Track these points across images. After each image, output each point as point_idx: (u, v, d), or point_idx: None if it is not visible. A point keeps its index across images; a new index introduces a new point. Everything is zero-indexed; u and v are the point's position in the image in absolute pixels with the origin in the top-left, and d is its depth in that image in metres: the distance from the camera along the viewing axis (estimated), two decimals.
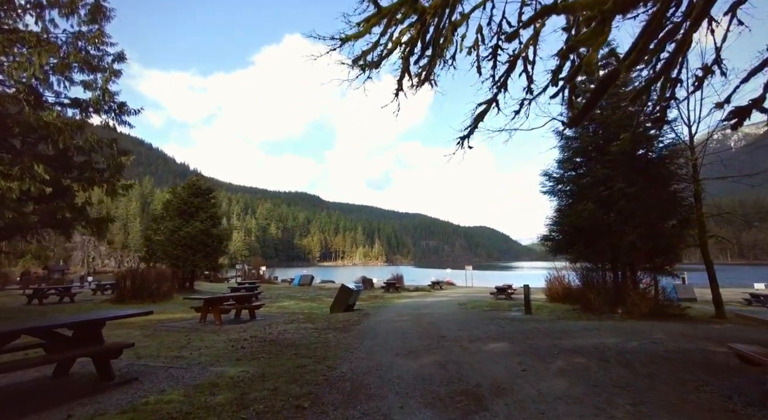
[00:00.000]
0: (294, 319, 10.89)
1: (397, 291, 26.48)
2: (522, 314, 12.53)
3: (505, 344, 7.00)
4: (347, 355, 6.09)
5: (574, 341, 7.12)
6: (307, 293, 23.78)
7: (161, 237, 22.71)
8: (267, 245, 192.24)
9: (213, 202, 24.46)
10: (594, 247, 12.13)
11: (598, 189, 11.76)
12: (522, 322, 10.14)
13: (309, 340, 7.42)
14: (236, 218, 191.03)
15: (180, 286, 23.26)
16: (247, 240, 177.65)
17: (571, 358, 5.79)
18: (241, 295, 11.47)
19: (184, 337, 8.00)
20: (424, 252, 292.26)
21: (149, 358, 5.88)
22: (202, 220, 22.95)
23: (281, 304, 17.74)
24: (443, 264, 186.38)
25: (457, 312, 13.06)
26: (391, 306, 16.05)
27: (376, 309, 14.60)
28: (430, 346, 6.87)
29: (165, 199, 24.53)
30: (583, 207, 11.58)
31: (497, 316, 11.90)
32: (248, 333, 8.43)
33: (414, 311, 13.43)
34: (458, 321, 10.52)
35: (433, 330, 8.87)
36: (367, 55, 7.70)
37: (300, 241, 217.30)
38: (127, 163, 13.34)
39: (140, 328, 9.31)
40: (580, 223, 11.81)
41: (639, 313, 11.78)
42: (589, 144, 12.42)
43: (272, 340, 7.44)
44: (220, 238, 23.90)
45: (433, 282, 34.76)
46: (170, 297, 18.86)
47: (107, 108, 13.36)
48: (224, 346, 6.96)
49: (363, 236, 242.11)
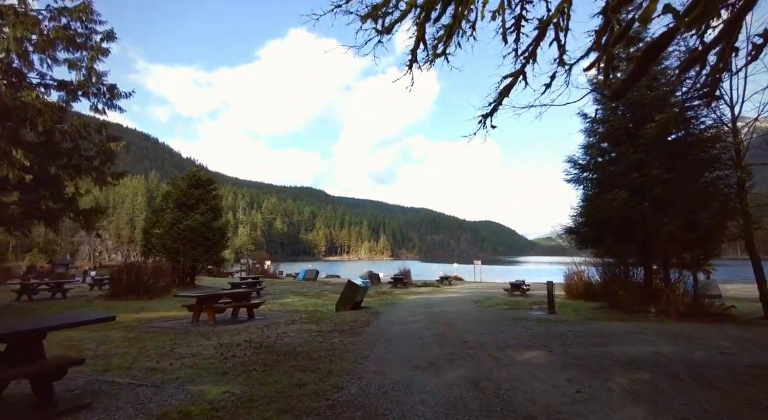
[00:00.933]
0: (296, 319, 9.89)
1: (405, 286, 25.47)
2: (545, 313, 11.47)
3: (542, 353, 5.95)
4: (356, 369, 5.06)
5: (624, 349, 6.05)
6: (311, 288, 22.84)
7: (160, 230, 21.83)
8: (273, 240, 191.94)
9: (214, 194, 23.51)
10: (625, 239, 11.01)
11: (630, 175, 10.62)
12: (550, 323, 9.08)
13: (311, 347, 6.41)
14: (242, 213, 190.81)
15: (180, 282, 22.41)
16: (252, 234, 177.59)
17: (631, 373, 4.73)
18: (237, 292, 10.49)
19: (170, 341, 7.02)
20: (429, 246, 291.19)
21: (119, 371, 4.89)
22: (203, 212, 22.02)
23: (284, 300, 16.80)
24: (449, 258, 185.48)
25: (474, 311, 12.02)
26: (401, 303, 15.05)
27: (386, 307, 13.59)
28: (453, 355, 5.83)
29: (164, 191, 23.61)
30: (615, 195, 10.45)
31: (519, 315, 10.84)
32: (243, 336, 7.44)
33: (427, 309, 12.40)
34: (478, 322, 9.47)
35: (452, 333, 7.83)
36: (378, 11, 6.59)
37: (305, 235, 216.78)
38: (117, 149, 12.37)
39: (124, 329, 8.35)
40: (611, 214, 10.69)
41: (676, 312, 10.66)
42: (619, 127, 11.25)
43: (269, 347, 6.43)
44: (221, 232, 22.97)
45: (441, 277, 33.72)
46: (168, 293, 17.96)
47: (96, 90, 12.34)
48: (212, 353, 5.97)
49: (368, 231, 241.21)
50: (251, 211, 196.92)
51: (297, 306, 14.72)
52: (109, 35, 12.74)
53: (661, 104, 11.09)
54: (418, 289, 23.97)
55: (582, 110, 12.67)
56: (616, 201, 10.46)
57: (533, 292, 19.91)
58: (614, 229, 11.08)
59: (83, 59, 11.85)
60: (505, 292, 20.36)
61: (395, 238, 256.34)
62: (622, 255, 11.78)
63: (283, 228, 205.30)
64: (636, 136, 11.04)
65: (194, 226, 21.20)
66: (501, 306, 13.28)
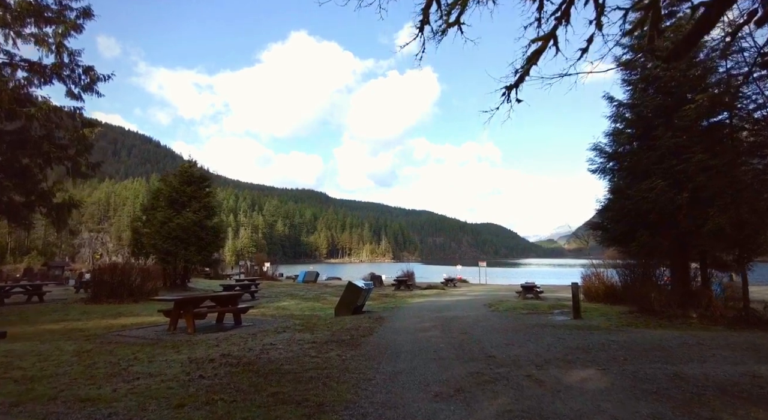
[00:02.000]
0: (288, 326, 8.61)
1: (409, 289, 24.18)
2: (570, 318, 10.19)
3: (595, 373, 4.67)
4: (358, 398, 3.78)
5: (699, 368, 4.75)
6: (311, 291, 21.55)
7: (150, 229, 20.59)
8: (274, 242, 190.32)
9: (207, 191, 22.25)
10: (662, 235, 9.71)
11: (669, 162, 9.33)
12: (582, 331, 7.79)
13: (301, 364, 5.13)
14: (243, 215, 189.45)
15: (172, 284, 21.16)
16: (254, 237, 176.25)
17: (737, 406, 3.45)
18: (222, 295, 9.24)
19: (131, 355, 5.75)
20: (431, 249, 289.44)
21: (35, 404, 3.62)
22: (195, 210, 20.77)
23: (280, 304, 15.52)
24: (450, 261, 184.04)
25: (490, 316, 10.73)
26: (407, 307, 13.76)
27: (390, 311, 12.31)
28: (482, 377, 4.56)
29: (156, 187, 22.37)
30: (652, 185, 9.17)
31: (542, 321, 9.56)
32: (221, 349, 6.16)
33: (437, 314, 11.12)
34: (499, 329, 8.19)
35: (472, 344, 6.55)
36: None
37: (307, 238, 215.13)
38: (92, 135, 11.13)
39: (85, 339, 7.10)
40: (646, 206, 9.41)
41: (721, 318, 9.38)
42: (653, 108, 9.97)
43: (249, 364, 5.16)
44: (215, 231, 21.72)
45: (446, 279, 32.51)
46: (156, 295, 16.73)
47: (70, 72, 11.12)
48: (176, 373, 4.70)
49: (370, 233, 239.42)
50: (252, 214, 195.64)
51: (293, 310, 13.46)
52: (85, 12, 11.54)
53: (699, 83, 9.83)
54: (422, 292, 22.67)
55: (608, 93, 11.43)
56: (653, 191, 9.18)
57: (546, 295, 18.64)
58: (649, 224, 9.79)
59: (52, 35, 10.62)
60: (516, 295, 19.08)
61: (397, 241, 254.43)
62: (658, 253, 10.47)
63: (284, 230, 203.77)
64: (673, 118, 9.77)
65: (186, 224, 19.94)
66: (518, 310, 11.99)
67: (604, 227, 11.08)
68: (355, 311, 11.41)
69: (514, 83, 7.28)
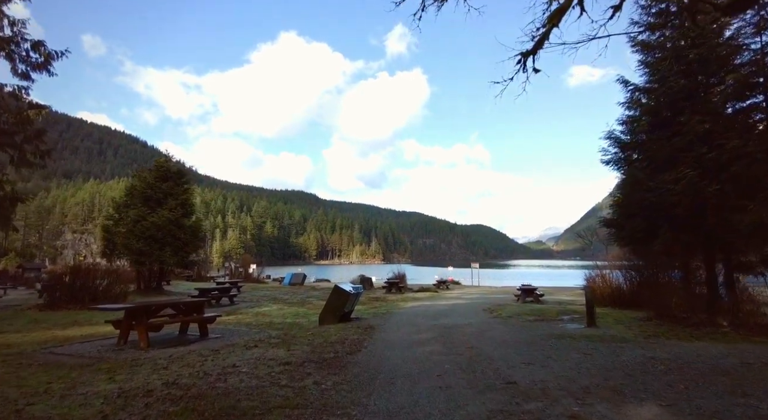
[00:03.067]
0: (262, 339, 7.30)
1: (401, 292, 22.94)
2: (584, 326, 9.04)
3: (661, 412, 3.47)
4: None
5: None
6: (296, 294, 20.20)
7: (123, 229, 19.07)
8: (263, 243, 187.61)
9: (185, 187, 20.77)
10: (689, 232, 8.62)
11: (698, 150, 8.23)
12: (607, 344, 6.62)
13: (266, 399, 3.84)
14: (231, 216, 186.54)
15: (146, 287, 19.66)
16: (242, 238, 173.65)
17: None
18: (187, 302, 7.91)
19: (45, 383, 4.42)
20: (421, 250, 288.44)
21: None
22: (172, 208, 19.29)
23: (261, 309, 14.18)
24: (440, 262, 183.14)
25: (494, 324, 9.53)
26: (400, 312, 12.52)
27: (381, 318, 11.06)
28: (510, 417, 3.34)
29: (129, 184, 20.85)
30: (680, 175, 8.06)
31: (555, 331, 8.38)
32: (169, 373, 4.85)
33: (434, 322, 9.89)
34: (509, 342, 6.99)
35: (484, 364, 5.32)
36: None
37: (296, 239, 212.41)
38: (37, 118, 9.71)
39: (4, 359, 5.72)
40: (671, 199, 8.30)
41: (756, 327, 8.31)
42: (678, 90, 8.87)
43: (197, 398, 3.86)
44: (193, 230, 20.26)
45: (438, 281, 31.36)
46: (125, 300, 15.26)
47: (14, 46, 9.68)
48: (88, 417, 3.40)
49: (360, 234, 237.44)
50: (241, 215, 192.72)
51: (274, 316, 12.14)
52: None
53: (728, 62, 8.77)
54: (415, 295, 21.44)
55: (622, 76, 10.34)
56: (680, 183, 8.07)
57: (545, 298, 17.55)
58: (674, 219, 8.68)
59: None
60: (515, 299, 17.97)
61: (387, 242, 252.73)
62: (684, 252, 9.37)
63: (273, 232, 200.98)
64: (700, 101, 8.69)
65: (161, 223, 18.47)
66: (523, 317, 10.81)
67: (618, 224, 9.96)
68: (342, 318, 10.15)
69: (532, 49, 6.12)
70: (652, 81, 9.75)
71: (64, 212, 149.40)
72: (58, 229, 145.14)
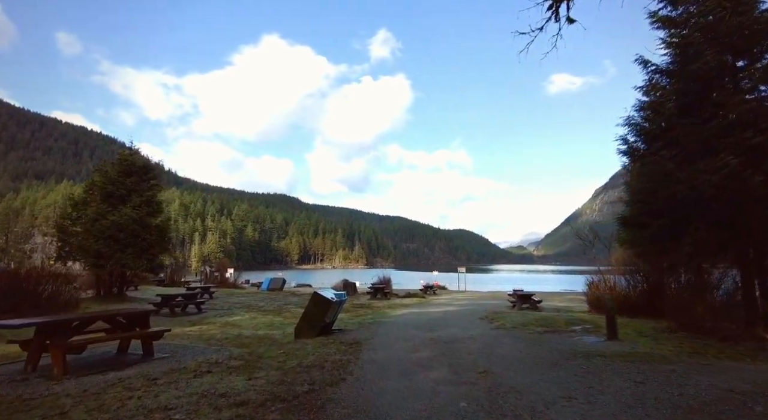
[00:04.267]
0: (220, 362, 5.76)
1: (387, 297, 21.52)
2: (603, 340, 7.78)
3: None
4: None
5: None
6: (274, 301, 18.57)
7: (79, 228, 17.20)
8: (243, 247, 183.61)
9: (152, 183, 18.95)
10: (727, 229, 7.44)
11: (740, 134, 7.06)
12: (650, 367, 5.32)
13: None
14: (211, 219, 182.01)
15: (107, 292, 17.76)
16: (222, 242, 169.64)
17: None
18: (123, 313, 6.30)
19: None
20: (404, 255, 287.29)
21: None
22: (136, 206, 17.47)
23: (231, 318, 12.59)
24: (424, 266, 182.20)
25: (500, 337, 8.18)
26: (389, 322, 11.09)
27: (368, 329, 9.61)
28: None
29: (89, 181, 18.91)
30: (721, 163, 6.87)
31: (575, 346, 7.07)
32: None
33: (429, 334, 8.48)
34: (528, 363, 5.62)
35: (512, 401, 3.93)
36: None
37: (278, 243, 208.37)
38: None
39: None
40: (708, 192, 7.11)
41: None
42: (713, 68, 7.71)
43: None
44: (161, 231, 18.44)
45: (424, 286, 30.04)
46: (77, 308, 13.47)
47: None
48: None
49: (343, 239, 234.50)
50: (221, 218, 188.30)
51: (244, 327, 10.59)
52: None
53: None
54: (402, 301, 20.03)
55: (642, 56, 9.19)
56: (719, 172, 6.88)
57: (543, 304, 16.34)
58: (709, 215, 7.50)
59: None
60: (509, 305, 16.74)
61: (370, 247, 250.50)
62: (721, 255, 8.20)
63: (254, 235, 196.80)
64: (739, 79, 7.56)
65: (123, 222, 16.63)
66: (529, 327, 9.50)
67: (639, 223, 8.74)
68: (323, 331, 8.67)
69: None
70: (678, 60, 8.60)
71: (34, 214, 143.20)
72: (27, 231, 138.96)
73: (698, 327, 8.41)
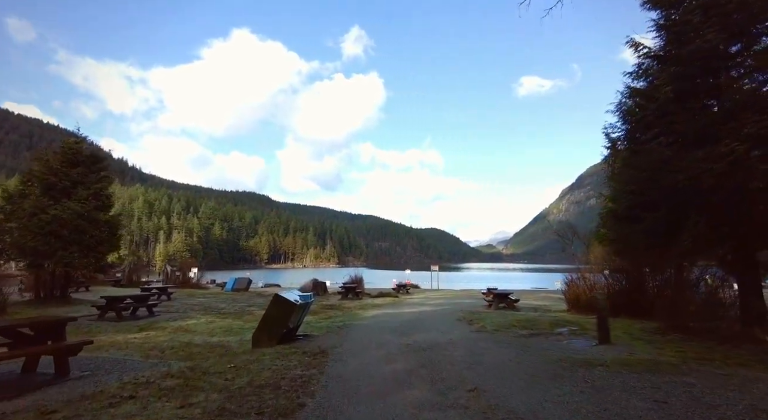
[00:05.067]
0: (151, 381, 4.67)
1: (358, 297, 20.55)
2: (595, 344, 7.10)
3: None
4: None
5: None
6: (236, 302, 17.29)
7: (14, 223, 15.42)
8: (210, 246, 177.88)
9: (102, 174, 17.28)
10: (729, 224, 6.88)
11: (749, 118, 6.48)
12: (662, 378, 4.60)
13: None
14: (177, 217, 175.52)
15: (48, 295, 16.01)
16: (188, 240, 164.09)
17: None
18: (31, 323, 5.08)
19: None
20: (376, 253, 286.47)
21: None
22: (82, 199, 15.81)
23: (186, 322, 11.35)
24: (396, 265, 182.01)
25: (482, 342, 7.38)
26: (360, 325, 10.15)
27: (337, 334, 8.63)
28: None
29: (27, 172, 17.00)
30: (727, 150, 6.26)
31: (567, 352, 6.34)
32: None
33: (405, 340, 7.59)
34: (522, 377, 4.79)
35: None
36: None
37: (247, 242, 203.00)
38: None
39: None
40: (708, 182, 6.50)
41: None
42: (708, 51, 7.12)
43: None
44: (111, 227, 16.82)
45: (397, 285, 29.35)
46: (2, 314, 11.95)
47: None
48: None
49: (314, 237, 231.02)
50: (187, 216, 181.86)
51: (197, 333, 9.43)
52: None
53: None
54: (374, 301, 19.12)
55: (633, 38, 8.60)
56: (723, 160, 6.27)
57: (520, 303, 15.77)
58: (710, 208, 6.92)
59: None
60: (486, 304, 16.10)
61: (342, 245, 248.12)
62: (717, 250, 7.64)
63: (222, 234, 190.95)
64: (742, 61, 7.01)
65: (66, 217, 14.97)
66: (513, 330, 8.77)
67: (632, 218, 8.11)
68: (285, 338, 7.64)
69: None
70: (672, 42, 8.02)
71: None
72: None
73: (690, 328, 7.88)
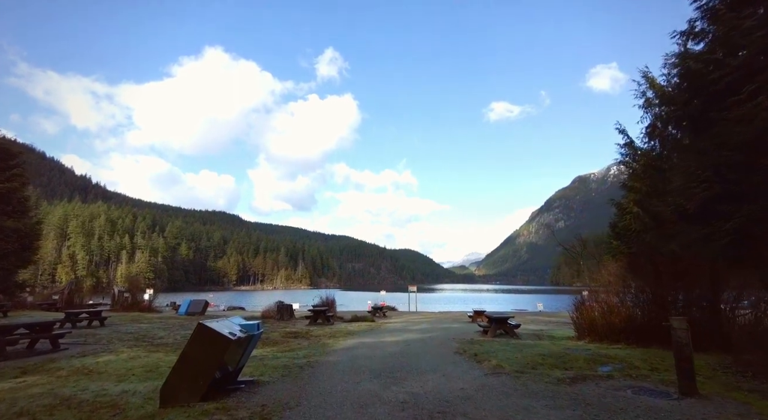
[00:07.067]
0: None
1: (329, 322, 17.78)
2: (676, 397, 4.82)
3: None
4: None
5: None
6: (182, 329, 14.28)
7: None
8: (176, 267, 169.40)
9: (12, 173, 14.24)
10: None
11: None
12: None
13: None
14: (141, 236, 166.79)
15: None
16: (152, 261, 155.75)
17: None
18: None
19: None
20: (350, 274, 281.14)
21: None
22: None
23: (97, 359, 8.47)
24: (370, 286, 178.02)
25: (505, 390, 4.97)
26: (329, 363, 7.54)
27: (296, 379, 6.03)
28: None
29: None
30: None
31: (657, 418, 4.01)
32: None
33: (396, 390, 5.09)
34: None
35: None
36: None
37: (215, 262, 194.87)
38: None
39: None
40: None
41: None
42: None
43: None
44: (23, 237, 13.73)
45: (373, 307, 26.69)
46: None
47: None
48: None
49: (286, 258, 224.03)
50: (152, 235, 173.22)
51: (102, 378, 6.62)
52: None
53: None
54: (348, 327, 16.39)
55: None
56: None
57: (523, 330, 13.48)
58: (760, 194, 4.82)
59: None
60: (479, 329, 13.72)
61: (315, 266, 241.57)
62: None
63: (189, 254, 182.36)
64: None
65: None
66: (541, 371, 6.40)
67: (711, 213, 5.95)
68: (218, 387, 5.02)
69: None
70: None
71: None
72: None
73: None
